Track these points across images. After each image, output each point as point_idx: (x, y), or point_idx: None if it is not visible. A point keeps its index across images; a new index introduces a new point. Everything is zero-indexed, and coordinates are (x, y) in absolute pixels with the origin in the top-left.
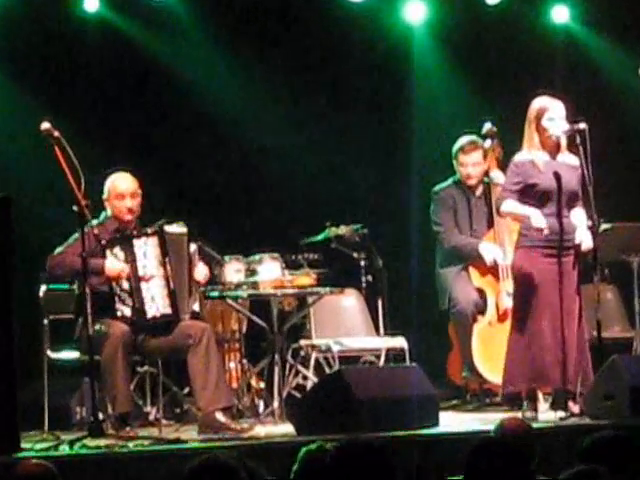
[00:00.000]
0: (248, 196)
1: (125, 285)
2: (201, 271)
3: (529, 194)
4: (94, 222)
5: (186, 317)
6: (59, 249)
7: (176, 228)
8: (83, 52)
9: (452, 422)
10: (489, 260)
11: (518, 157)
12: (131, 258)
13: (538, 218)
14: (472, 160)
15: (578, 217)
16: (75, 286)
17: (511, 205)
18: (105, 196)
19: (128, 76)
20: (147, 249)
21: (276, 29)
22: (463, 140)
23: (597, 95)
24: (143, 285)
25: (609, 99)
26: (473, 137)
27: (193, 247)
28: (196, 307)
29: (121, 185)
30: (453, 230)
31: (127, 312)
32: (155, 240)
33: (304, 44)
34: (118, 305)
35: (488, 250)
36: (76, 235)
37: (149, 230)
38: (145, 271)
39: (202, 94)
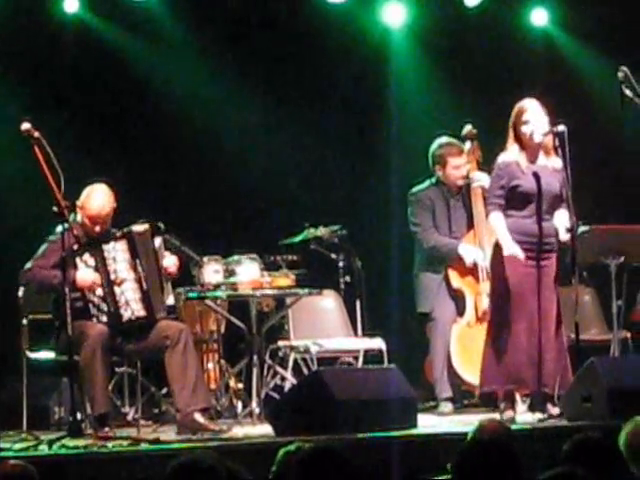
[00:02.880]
0: (226, 197)
1: (98, 291)
2: (169, 260)
3: (510, 197)
4: (71, 222)
5: (162, 315)
6: (28, 264)
7: (139, 227)
8: (61, 53)
9: (430, 424)
10: (469, 261)
11: (503, 157)
12: (101, 263)
13: (512, 250)
14: (463, 161)
15: (560, 219)
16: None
17: (496, 222)
18: (79, 205)
19: (106, 77)
20: (116, 253)
21: (254, 31)
22: (447, 142)
23: (576, 98)
24: (116, 289)
25: (588, 102)
26: (453, 139)
27: (158, 241)
28: (171, 301)
29: (94, 206)
30: (432, 230)
31: (103, 318)
32: (124, 244)
33: (283, 46)
34: (93, 311)
35: (468, 251)
36: (43, 247)
37: (117, 234)
38: (117, 275)
39: (180, 96)
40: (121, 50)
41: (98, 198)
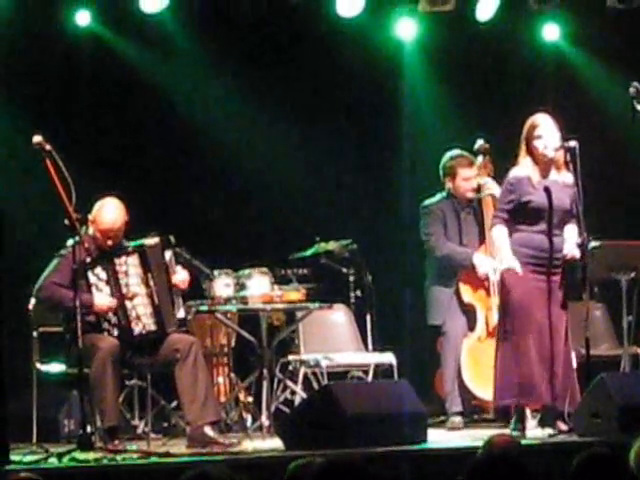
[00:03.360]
0: (238, 211)
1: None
2: (180, 276)
3: (521, 211)
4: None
5: (173, 329)
6: (40, 281)
7: (151, 240)
8: (74, 66)
9: (440, 438)
10: (483, 271)
11: (514, 172)
12: (113, 277)
13: (512, 264)
14: (474, 173)
15: (569, 232)
16: None
17: (498, 235)
18: (91, 219)
19: (118, 90)
20: (128, 267)
21: (267, 45)
22: (458, 154)
23: (587, 113)
24: (127, 304)
25: (599, 117)
26: (464, 152)
27: (168, 255)
28: (182, 314)
29: (105, 220)
30: (444, 239)
31: (114, 332)
32: (136, 258)
33: (295, 59)
34: (104, 325)
35: (483, 261)
36: (55, 262)
37: (129, 248)
38: (128, 289)
39: (191, 109)
40: (133, 62)
41: (110, 212)
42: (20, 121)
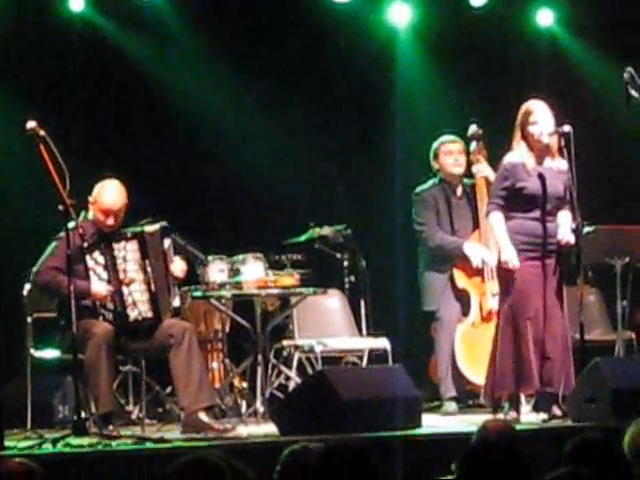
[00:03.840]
0: (231, 196)
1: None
2: (178, 265)
3: (515, 198)
4: (77, 220)
5: (168, 316)
6: (38, 265)
7: (150, 227)
8: (67, 51)
9: (434, 423)
10: (476, 261)
11: (509, 158)
12: (111, 262)
13: (508, 254)
14: (457, 148)
15: (563, 218)
16: None
17: (495, 222)
18: (91, 200)
19: (112, 76)
20: (127, 253)
21: (260, 31)
22: (443, 138)
23: (581, 99)
24: (124, 289)
25: (593, 102)
26: (451, 135)
27: (167, 242)
28: (177, 303)
29: (107, 200)
30: (436, 229)
31: (109, 316)
32: (135, 244)
33: (288, 45)
34: (100, 310)
35: (474, 250)
36: (53, 245)
37: (128, 234)
38: (126, 275)
39: (185, 96)
40: (126, 48)
41: (111, 192)
42: (13, 107)
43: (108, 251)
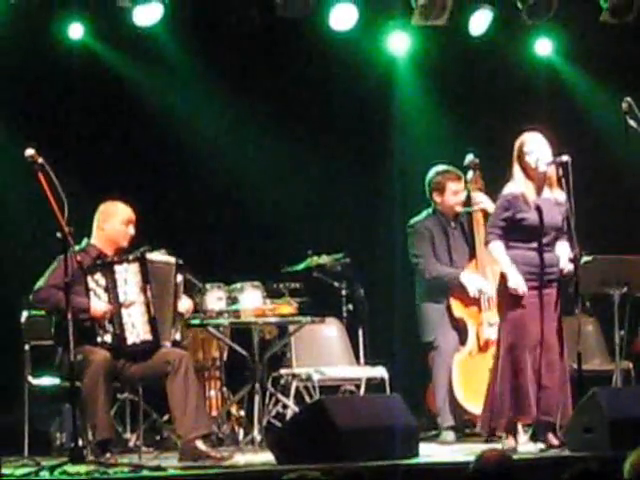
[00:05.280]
0: (230, 224)
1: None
2: (184, 304)
3: (515, 228)
4: (76, 248)
5: (167, 345)
6: (40, 282)
7: (163, 257)
8: (66, 79)
9: (432, 452)
10: (473, 291)
11: (510, 189)
12: (112, 284)
13: (517, 281)
14: (461, 187)
15: (561, 248)
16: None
17: (498, 251)
18: (102, 218)
19: (111, 103)
20: (128, 275)
21: (260, 59)
22: (445, 169)
23: (579, 128)
24: (124, 312)
25: (591, 132)
26: (450, 167)
27: (179, 278)
28: (178, 336)
29: (128, 212)
30: (433, 260)
31: (107, 339)
32: (136, 267)
33: (287, 73)
34: (98, 331)
35: (471, 280)
36: (55, 265)
37: (130, 257)
38: (126, 297)
39: (184, 123)
40: (126, 76)
41: (125, 206)
42: (11, 133)
43: (109, 272)
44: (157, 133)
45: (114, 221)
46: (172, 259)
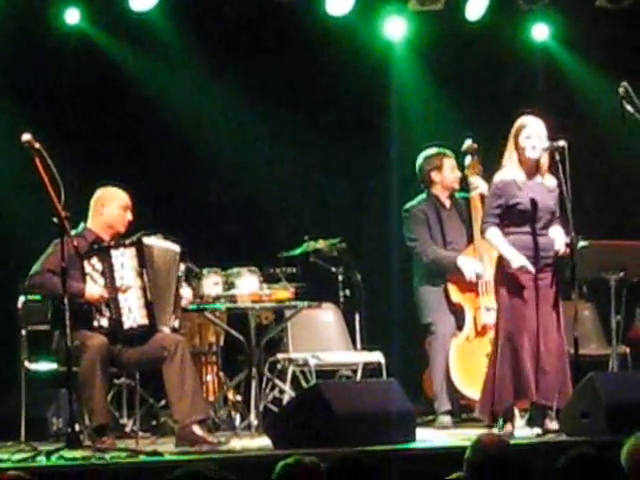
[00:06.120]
0: (227, 209)
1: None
2: (185, 292)
3: (509, 214)
4: (72, 233)
5: (165, 330)
6: (36, 267)
7: (166, 243)
8: (62, 64)
9: (429, 437)
10: (470, 275)
11: (499, 177)
12: (108, 269)
13: (518, 260)
14: (455, 164)
15: (556, 232)
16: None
17: (495, 238)
18: (100, 203)
19: (107, 88)
20: (124, 260)
21: (256, 43)
22: (437, 150)
23: (576, 113)
24: (120, 296)
25: (588, 117)
26: (438, 148)
27: (182, 267)
28: (176, 324)
29: (126, 197)
30: (429, 243)
31: (104, 323)
32: (133, 251)
33: (283, 59)
34: (95, 316)
35: (467, 264)
36: (50, 249)
37: (127, 241)
38: (122, 282)
39: (181, 108)
40: (122, 61)
41: (123, 192)
42: (7, 118)
43: (106, 257)
44: (153, 118)
45: (113, 206)
46: (177, 247)
